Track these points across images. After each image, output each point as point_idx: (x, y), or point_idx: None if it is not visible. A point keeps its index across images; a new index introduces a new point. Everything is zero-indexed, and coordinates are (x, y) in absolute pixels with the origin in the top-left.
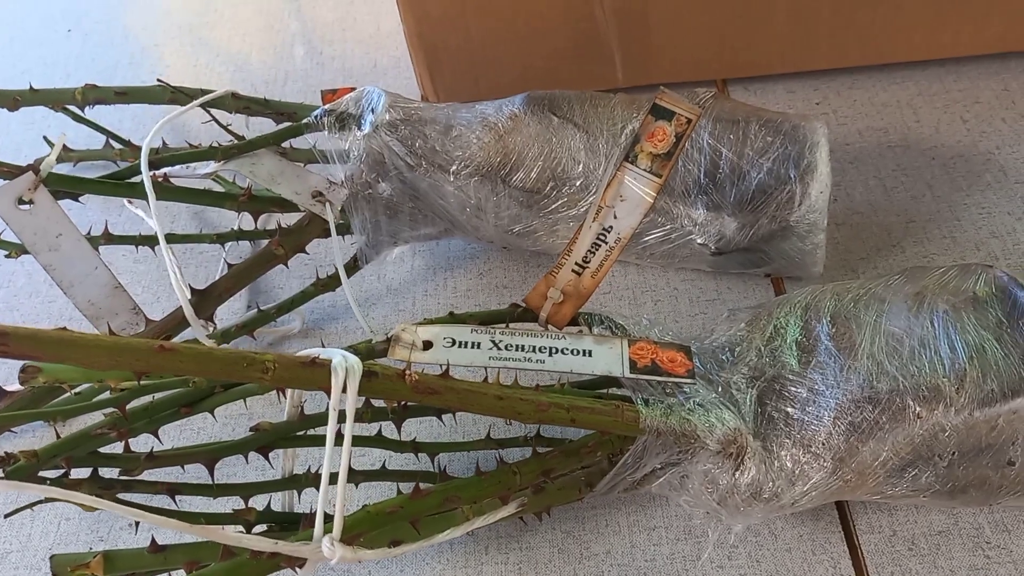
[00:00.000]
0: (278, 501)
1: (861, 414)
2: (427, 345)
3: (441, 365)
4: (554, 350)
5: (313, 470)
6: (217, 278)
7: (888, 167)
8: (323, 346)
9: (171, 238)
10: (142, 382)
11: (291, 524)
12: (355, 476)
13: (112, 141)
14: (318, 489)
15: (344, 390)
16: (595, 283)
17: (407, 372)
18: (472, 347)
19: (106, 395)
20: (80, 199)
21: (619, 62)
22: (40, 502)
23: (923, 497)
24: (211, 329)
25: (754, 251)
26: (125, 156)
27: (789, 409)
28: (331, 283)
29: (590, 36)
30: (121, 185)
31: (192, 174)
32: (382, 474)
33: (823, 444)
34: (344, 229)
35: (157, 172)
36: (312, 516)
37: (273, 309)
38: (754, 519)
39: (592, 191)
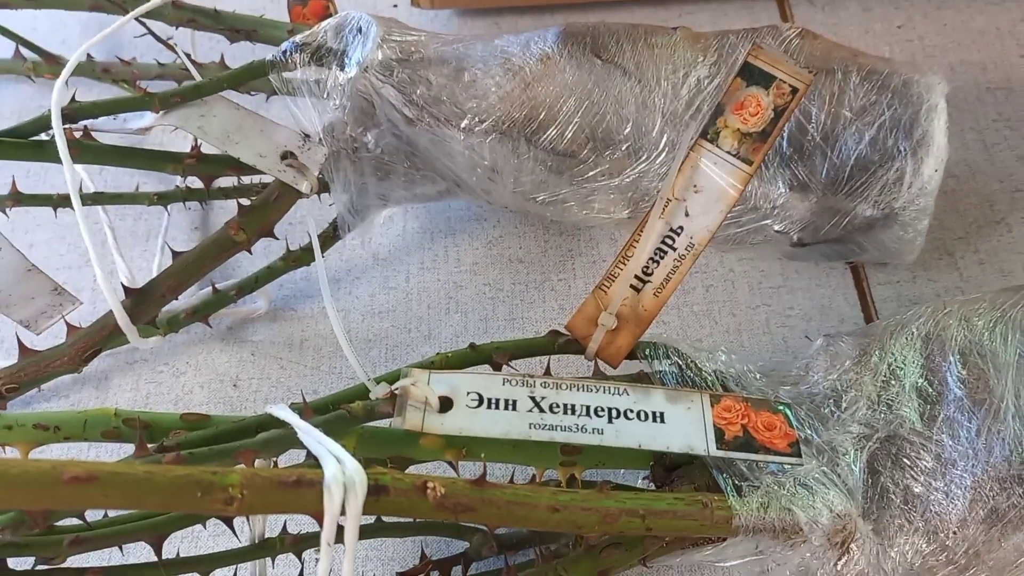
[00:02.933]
0: (246, 574)
1: (1007, 498)
2: (445, 403)
3: (465, 434)
4: (615, 413)
5: (292, 530)
6: (159, 249)
7: (988, 116)
8: (299, 341)
9: (99, 198)
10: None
11: None
12: None
13: (23, 49)
14: (297, 556)
15: (342, 512)
16: (659, 304)
17: (428, 486)
18: (506, 407)
19: None
20: None
21: None
22: None
23: None
24: (153, 335)
25: (844, 242)
26: (40, 71)
27: (910, 482)
28: (304, 257)
29: None
30: (25, 146)
31: (122, 129)
32: (380, 530)
33: (954, 533)
34: (322, 187)
35: (75, 126)
36: None
37: (233, 289)
38: None
39: (642, 157)
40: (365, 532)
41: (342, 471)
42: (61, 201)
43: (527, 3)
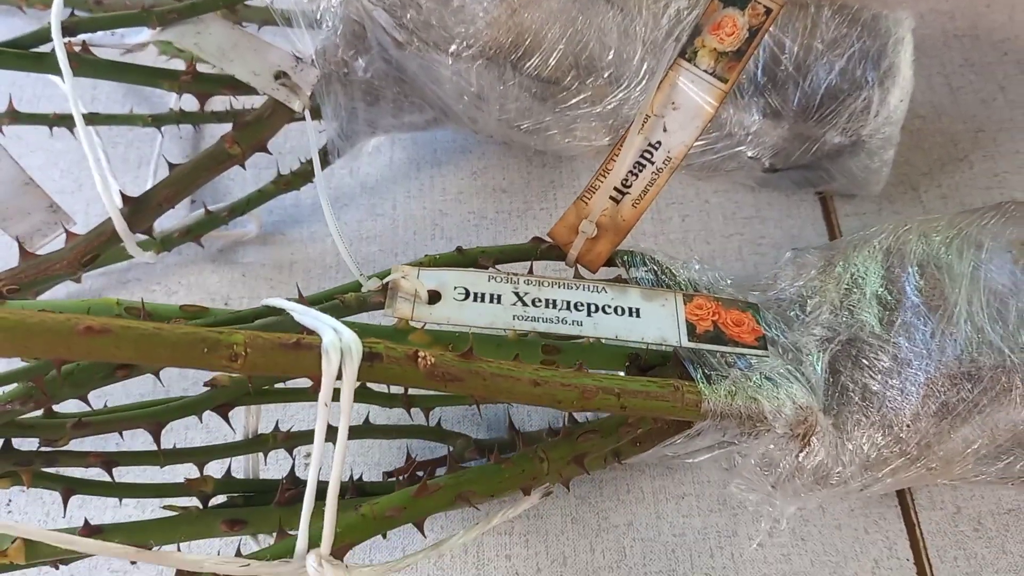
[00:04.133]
0: (240, 467)
1: (957, 393)
2: (433, 296)
3: (453, 325)
4: (594, 307)
5: (283, 428)
6: (152, 174)
7: (954, 61)
8: (288, 263)
9: (94, 119)
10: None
11: (257, 494)
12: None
13: None
14: (288, 452)
15: (339, 377)
16: (637, 214)
17: (419, 355)
18: (491, 301)
19: (17, 364)
20: None
21: None
22: None
23: (1011, 484)
24: (149, 248)
25: (814, 168)
26: (32, 2)
27: (868, 380)
28: (295, 181)
29: None
30: (25, 56)
31: (119, 43)
32: (367, 431)
33: (908, 427)
34: (313, 114)
35: (74, 40)
36: (286, 488)
37: (224, 211)
38: (811, 503)
39: (623, 85)
40: (353, 433)
41: (339, 338)
42: (58, 120)
43: None
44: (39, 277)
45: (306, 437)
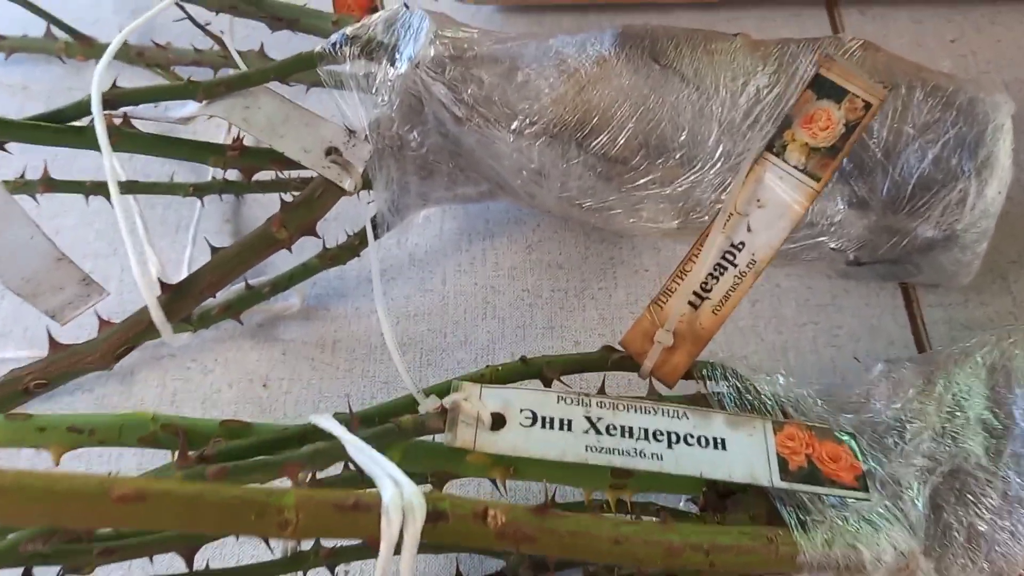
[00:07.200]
0: None
1: None
2: (497, 420)
3: (520, 455)
4: (675, 437)
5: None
6: (191, 240)
7: None
8: (331, 341)
9: (132, 187)
10: None
11: None
12: None
13: (55, 28)
14: (331, 571)
15: (400, 538)
16: (718, 322)
17: (489, 513)
18: (561, 427)
19: None
20: (6, 147)
21: None
22: None
23: None
24: (184, 329)
25: (901, 262)
26: (72, 52)
27: (974, 519)
28: (342, 255)
29: None
30: (64, 131)
31: (163, 117)
32: None
33: (1020, 575)
34: (364, 184)
35: (114, 112)
36: None
37: (267, 287)
38: None
39: (696, 167)
40: (399, 548)
41: (400, 495)
42: (94, 188)
43: (570, 1)
44: (69, 371)
45: (349, 554)
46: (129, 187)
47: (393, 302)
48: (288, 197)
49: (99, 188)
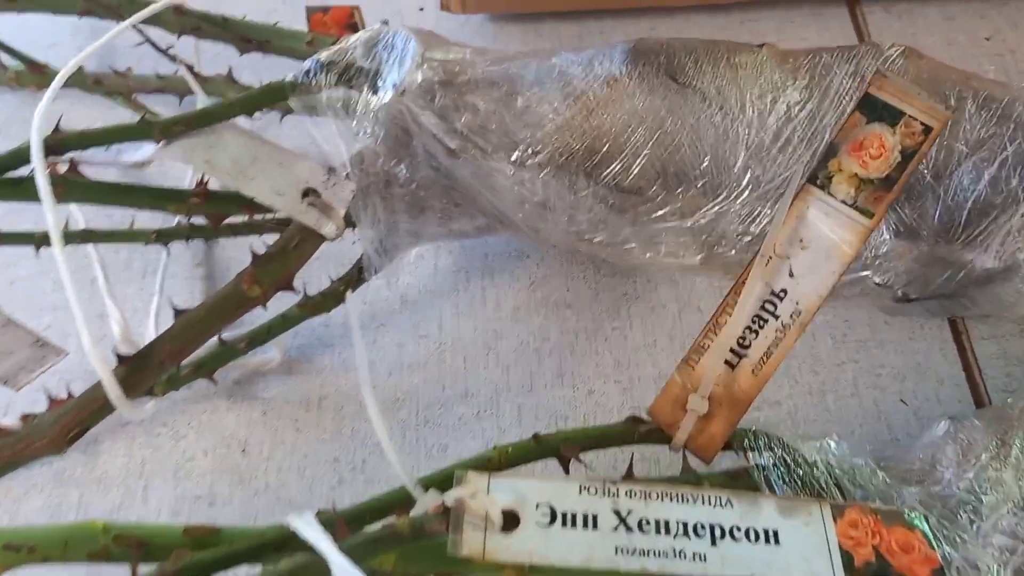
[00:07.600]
0: None
1: None
2: (510, 519)
3: (538, 563)
4: (719, 532)
5: None
6: (158, 289)
7: None
8: (317, 399)
9: (89, 236)
10: None
11: None
12: None
13: (6, 56)
14: None
15: None
16: (758, 384)
17: None
18: (585, 525)
19: None
20: None
21: None
22: None
23: None
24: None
25: (956, 297)
26: (24, 81)
27: None
28: (325, 303)
29: None
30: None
31: (116, 162)
32: None
33: None
34: (346, 223)
35: (58, 160)
36: None
37: (242, 341)
38: None
39: (720, 196)
40: None
41: None
42: (44, 239)
43: (569, 8)
44: (17, 459)
45: None
46: (84, 236)
47: (384, 352)
48: (262, 242)
49: (50, 239)
